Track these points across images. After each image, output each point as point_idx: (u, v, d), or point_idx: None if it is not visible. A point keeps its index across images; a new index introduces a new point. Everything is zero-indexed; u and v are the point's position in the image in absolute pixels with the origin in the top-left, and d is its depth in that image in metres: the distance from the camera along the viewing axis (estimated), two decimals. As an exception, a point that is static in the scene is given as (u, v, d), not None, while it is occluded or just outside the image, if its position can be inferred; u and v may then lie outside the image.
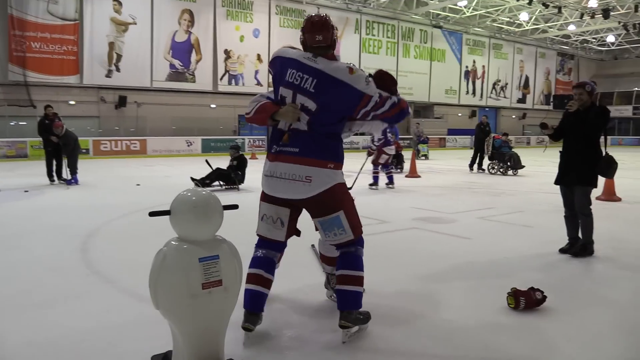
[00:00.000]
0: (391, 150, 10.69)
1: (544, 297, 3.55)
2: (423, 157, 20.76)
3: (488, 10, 30.51)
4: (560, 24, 32.58)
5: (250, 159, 12.07)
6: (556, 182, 5.14)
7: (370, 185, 10.62)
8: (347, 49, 27.81)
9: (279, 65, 2.99)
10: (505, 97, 37.37)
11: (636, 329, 3.30)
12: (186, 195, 2.37)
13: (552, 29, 34.14)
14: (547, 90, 40.73)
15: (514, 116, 38.99)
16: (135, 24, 22.13)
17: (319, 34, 2.91)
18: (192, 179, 10.11)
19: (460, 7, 29.51)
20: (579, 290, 4.08)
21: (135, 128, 22.59)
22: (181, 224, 2.32)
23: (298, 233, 3.18)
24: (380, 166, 10.74)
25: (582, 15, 26.92)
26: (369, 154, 10.57)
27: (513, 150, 14.61)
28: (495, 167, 14.41)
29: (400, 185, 11.26)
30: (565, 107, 4.88)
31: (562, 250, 5.14)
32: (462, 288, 4.04)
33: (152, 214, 2.35)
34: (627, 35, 34.26)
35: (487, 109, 36.05)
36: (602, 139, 4.93)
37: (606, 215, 7.12)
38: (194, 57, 23.72)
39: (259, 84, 25.52)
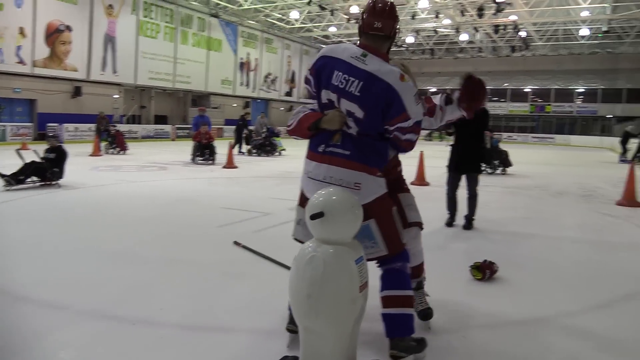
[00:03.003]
0: None
1: (497, 267, 4.25)
2: (278, 154, 17.82)
3: (263, 4, 31.75)
4: (324, 26, 35.89)
5: (21, 149, 9.52)
6: (451, 170, 6.01)
7: None
8: (124, 30, 25.81)
9: (323, 65, 2.67)
10: (275, 89, 39.51)
11: (572, 279, 4.23)
12: (338, 195, 2.29)
13: (316, 29, 37.36)
14: (310, 85, 44.40)
15: (282, 108, 41.53)
16: None
17: (379, 20, 2.63)
18: (1, 175, 8.37)
19: (239, -1, 30.09)
20: (504, 256, 4.72)
21: None
22: (336, 225, 2.22)
23: None
24: None
25: (348, 20, 30.15)
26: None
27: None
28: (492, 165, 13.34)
29: (228, 176, 11.30)
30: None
31: (448, 224, 6.07)
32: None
33: (314, 217, 2.16)
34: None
35: (259, 100, 37.74)
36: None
37: (437, 197, 7.45)
38: None
39: (21, 62, 21.81)
